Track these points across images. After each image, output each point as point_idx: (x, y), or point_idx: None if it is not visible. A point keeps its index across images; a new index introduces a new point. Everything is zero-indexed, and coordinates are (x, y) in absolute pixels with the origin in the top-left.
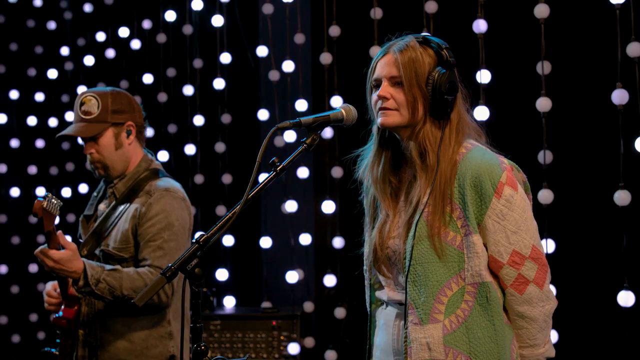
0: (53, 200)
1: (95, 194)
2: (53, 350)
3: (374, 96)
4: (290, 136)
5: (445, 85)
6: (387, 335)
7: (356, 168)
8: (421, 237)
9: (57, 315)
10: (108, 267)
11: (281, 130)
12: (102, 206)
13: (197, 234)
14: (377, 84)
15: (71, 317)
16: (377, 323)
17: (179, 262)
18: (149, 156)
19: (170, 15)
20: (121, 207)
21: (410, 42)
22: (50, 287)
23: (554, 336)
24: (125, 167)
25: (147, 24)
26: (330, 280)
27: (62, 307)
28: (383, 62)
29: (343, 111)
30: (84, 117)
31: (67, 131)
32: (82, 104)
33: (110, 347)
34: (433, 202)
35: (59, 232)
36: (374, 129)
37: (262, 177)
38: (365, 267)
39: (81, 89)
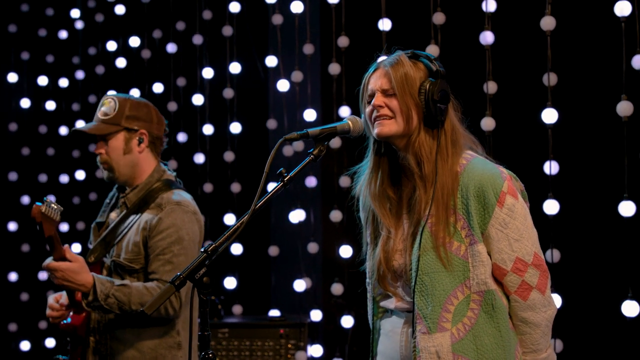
0: (53, 205)
1: (107, 200)
2: (64, 357)
3: (369, 108)
4: (299, 145)
5: (437, 93)
6: (393, 343)
7: (353, 184)
8: (426, 248)
9: (65, 321)
10: (117, 282)
11: (289, 141)
12: (113, 214)
13: (206, 243)
14: (371, 99)
15: (79, 323)
16: (381, 331)
17: (188, 271)
18: (162, 167)
19: (180, 25)
20: (131, 217)
21: (400, 57)
22: (52, 300)
23: (558, 346)
24: (132, 173)
25: (157, 34)
26: (337, 289)
27: (71, 313)
28: (375, 77)
29: (350, 122)
30: (100, 117)
31: (80, 127)
32: (102, 105)
33: (120, 356)
34: (436, 213)
35: (65, 246)
36: (370, 144)
37: (270, 187)
38: (368, 280)
39: (92, 98)
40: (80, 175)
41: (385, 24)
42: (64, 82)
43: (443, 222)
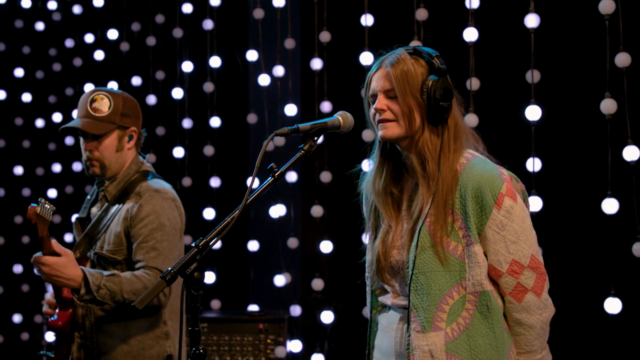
0: (46, 205)
1: (88, 197)
2: (49, 353)
3: (372, 110)
4: (278, 140)
5: (439, 91)
6: (388, 338)
7: (359, 180)
8: (424, 246)
9: (51, 318)
10: (106, 272)
11: (279, 136)
12: (94, 209)
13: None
14: (374, 99)
15: (66, 320)
16: (379, 326)
17: (179, 266)
18: (140, 158)
19: (160, 18)
20: (113, 209)
21: (402, 55)
22: (50, 296)
23: None
24: (119, 169)
25: (136, 27)
26: (318, 284)
27: (57, 310)
28: (377, 77)
29: (340, 118)
30: (93, 113)
31: (75, 124)
32: (93, 100)
33: (107, 349)
34: (435, 211)
35: (54, 240)
36: (376, 142)
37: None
38: (367, 275)
39: (69, 90)
40: (56, 167)
41: (367, 20)
42: (40, 74)
43: (441, 220)
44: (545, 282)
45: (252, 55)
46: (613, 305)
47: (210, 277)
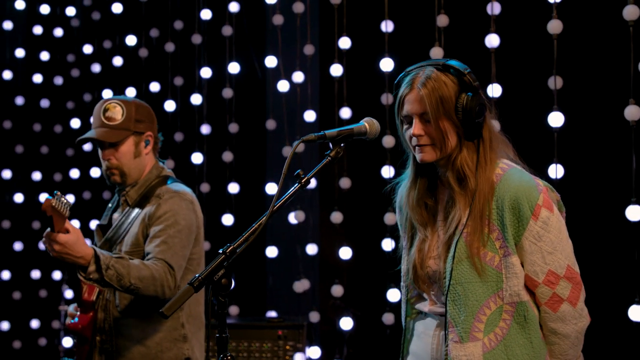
0: (63, 199)
1: (110, 205)
2: (71, 359)
3: (408, 133)
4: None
5: (475, 109)
6: (424, 344)
7: (394, 194)
8: (460, 257)
9: (72, 321)
10: (115, 255)
11: (305, 143)
12: (116, 215)
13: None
14: (408, 121)
15: (86, 323)
16: (414, 332)
17: (206, 272)
18: (160, 164)
19: (178, 24)
20: (134, 213)
21: (432, 75)
22: (72, 309)
23: None
24: (139, 175)
25: (154, 33)
26: (337, 291)
27: (77, 313)
28: (410, 99)
29: (366, 124)
30: (107, 122)
31: (90, 134)
32: (105, 110)
33: (126, 352)
34: (472, 222)
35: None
36: (410, 158)
37: (271, 187)
38: (403, 283)
39: (87, 96)
40: (74, 173)
41: (388, 26)
42: (58, 80)
43: (478, 231)
44: (581, 292)
45: (271, 62)
46: (638, 313)
47: None
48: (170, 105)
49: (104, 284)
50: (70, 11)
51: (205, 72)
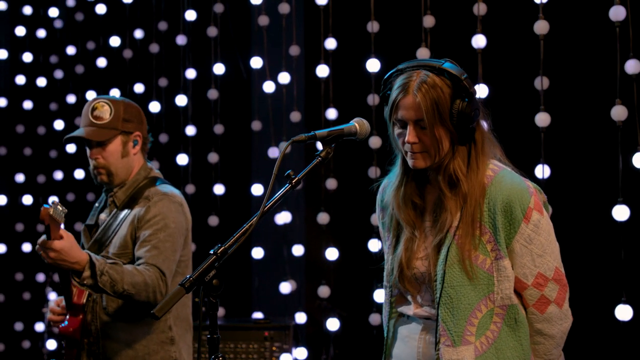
0: (59, 207)
1: (96, 204)
2: None
3: (401, 139)
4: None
5: (470, 115)
6: (409, 348)
7: (381, 191)
8: (452, 261)
9: (62, 324)
10: (109, 260)
11: (296, 143)
12: (103, 216)
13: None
14: (402, 125)
15: (76, 326)
16: (397, 336)
17: (197, 273)
18: (148, 165)
19: (162, 25)
20: (122, 215)
21: (428, 80)
22: (53, 304)
23: None
24: (127, 175)
25: (139, 34)
26: (322, 292)
27: (67, 316)
28: (405, 104)
29: (357, 125)
30: (95, 121)
31: (78, 133)
32: (94, 109)
33: (114, 354)
34: (464, 226)
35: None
36: (399, 158)
37: (257, 188)
38: (386, 283)
39: (70, 97)
40: (58, 175)
41: (374, 26)
42: (42, 82)
43: (470, 234)
44: (567, 293)
45: (256, 62)
46: (624, 312)
47: None
48: (155, 107)
49: (97, 289)
50: (54, 12)
51: (190, 73)
